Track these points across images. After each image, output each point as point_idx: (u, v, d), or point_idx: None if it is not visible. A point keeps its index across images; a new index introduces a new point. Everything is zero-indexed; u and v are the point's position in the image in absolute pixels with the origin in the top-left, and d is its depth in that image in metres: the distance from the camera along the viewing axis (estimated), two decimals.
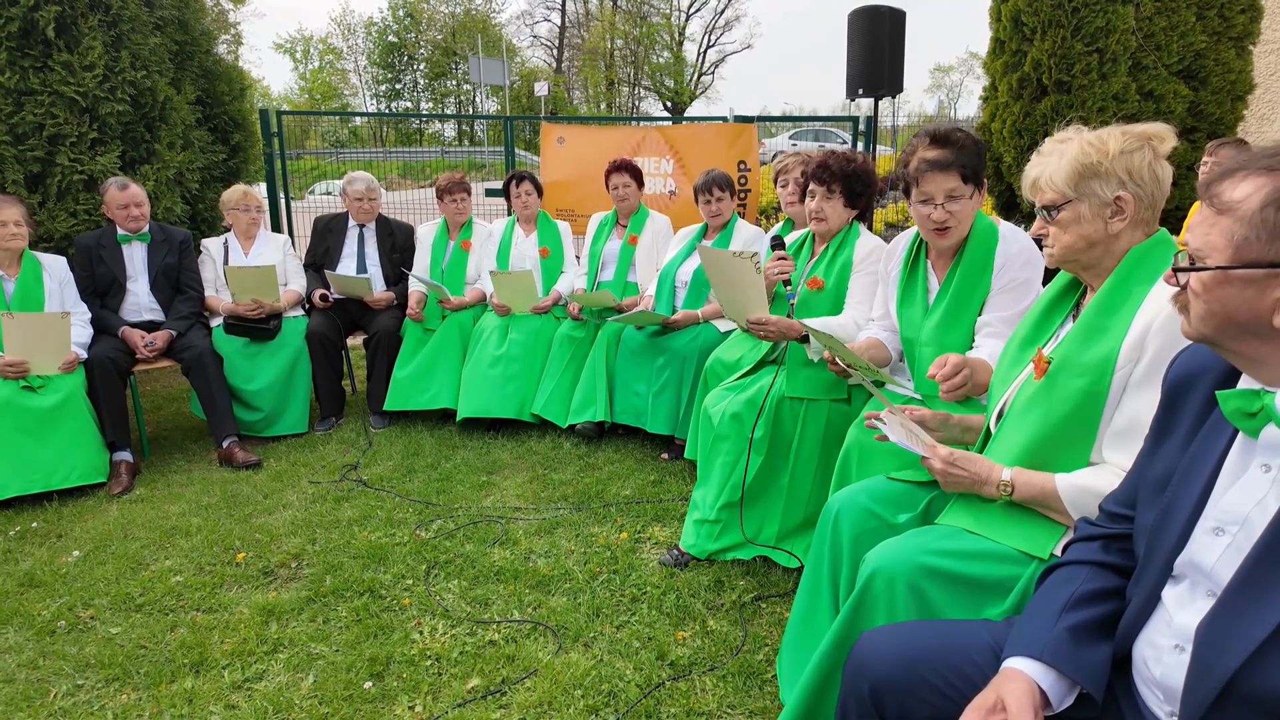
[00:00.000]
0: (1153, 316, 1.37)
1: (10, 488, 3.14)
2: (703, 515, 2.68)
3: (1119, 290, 1.44)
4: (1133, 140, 1.43)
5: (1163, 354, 1.33)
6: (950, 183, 2.04)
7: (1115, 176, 1.42)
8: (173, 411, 4.49)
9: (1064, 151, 1.47)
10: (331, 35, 40.53)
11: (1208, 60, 5.10)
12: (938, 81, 43.15)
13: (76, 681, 2.12)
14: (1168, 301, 1.33)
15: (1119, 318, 1.42)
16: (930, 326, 2.15)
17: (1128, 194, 1.42)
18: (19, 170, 3.94)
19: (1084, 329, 1.46)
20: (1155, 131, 1.44)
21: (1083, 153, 1.44)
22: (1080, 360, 1.44)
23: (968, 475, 1.53)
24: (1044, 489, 1.45)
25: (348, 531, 2.95)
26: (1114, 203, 1.43)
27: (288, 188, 5.79)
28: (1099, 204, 1.44)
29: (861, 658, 1.30)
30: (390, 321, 4.23)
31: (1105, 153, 1.42)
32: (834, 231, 2.76)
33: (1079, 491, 1.41)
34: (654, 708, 1.97)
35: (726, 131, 5.34)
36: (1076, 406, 1.43)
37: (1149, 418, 1.26)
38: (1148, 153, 1.42)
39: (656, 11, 39.52)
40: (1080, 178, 1.44)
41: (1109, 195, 1.43)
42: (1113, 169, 1.42)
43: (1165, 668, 1.03)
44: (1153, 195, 1.43)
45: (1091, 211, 1.44)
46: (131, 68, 4.21)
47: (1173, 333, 1.33)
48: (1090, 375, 1.41)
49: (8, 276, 3.42)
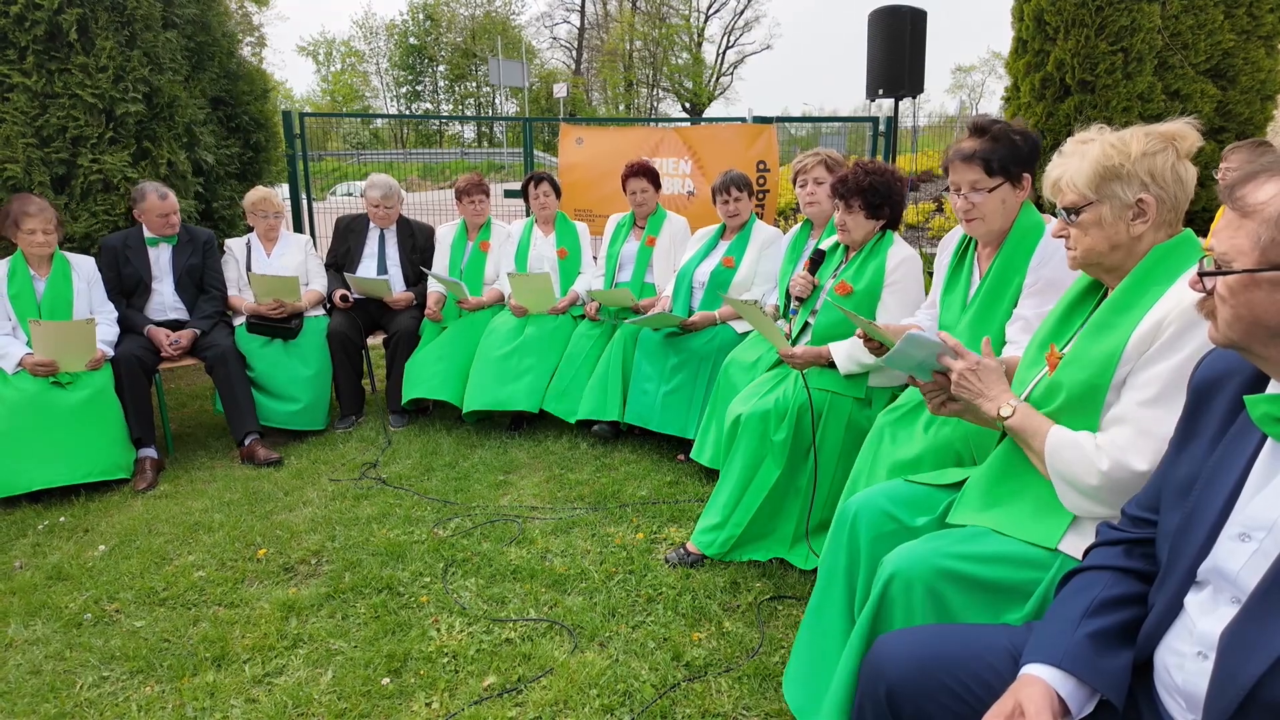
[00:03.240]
0: (1168, 310, 1.34)
1: (38, 481, 3.20)
2: (716, 519, 2.69)
3: (1136, 289, 1.42)
4: (1156, 141, 1.40)
5: (1175, 338, 1.31)
6: (972, 174, 2.03)
7: (1138, 179, 1.40)
8: (196, 409, 4.55)
9: (1085, 153, 1.45)
10: (353, 38, 41.00)
11: (1236, 59, 5.03)
12: (959, 82, 42.77)
13: (102, 673, 2.16)
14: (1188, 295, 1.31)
15: (1130, 315, 1.40)
16: (967, 320, 2.13)
17: (1150, 196, 1.40)
18: (45, 172, 4.02)
19: (1095, 325, 1.45)
20: (1178, 131, 1.41)
21: (1105, 154, 1.41)
22: (1087, 354, 1.43)
23: (977, 388, 1.53)
24: (1037, 429, 1.45)
25: (367, 529, 2.98)
26: (1136, 205, 1.41)
27: (309, 189, 5.86)
28: (1121, 206, 1.42)
29: (879, 661, 1.29)
30: (410, 322, 4.26)
31: (1127, 155, 1.40)
32: (861, 242, 2.75)
33: (1063, 447, 1.40)
34: (669, 708, 1.97)
35: (745, 132, 5.33)
36: (1077, 397, 1.43)
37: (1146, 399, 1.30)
38: (1171, 154, 1.40)
39: (676, 13, 39.53)
40: (1102, 180, 1.42)
41: (1131, 198, 1.41)
42: (1135, 171, 1.40)
43: (1187, 675, 1.02)
44: (1176, 197, 1.41)
45: (1113, 214, 1.42)
46: (143, 66, 4.23)
47: (1191, 317, 1.30)
48: (1093, 368, 1.41)
49: (39, 276, 3.49)
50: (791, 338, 2.84)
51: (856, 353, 2.61)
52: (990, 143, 2.01)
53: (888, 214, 2.71)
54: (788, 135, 13.79)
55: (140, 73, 4.21)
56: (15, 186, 3.90)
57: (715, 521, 2.69)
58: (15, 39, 3.89)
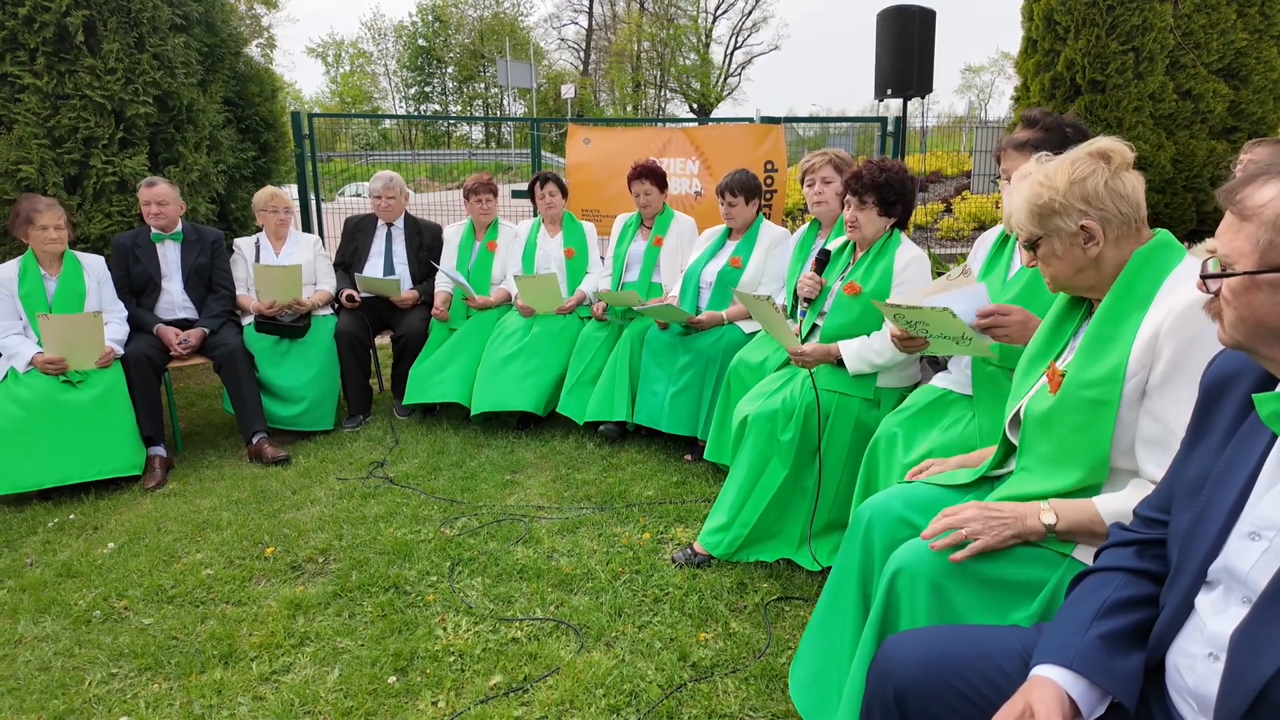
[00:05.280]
0: (1161, 319, 1.34)
1: (48, 478, 3.22)
2: (723, 520, 2.68)
3: (1124, 298, 1.42)
4: (1082, 167, 1.41)
5: (1180, 355, 1.31)
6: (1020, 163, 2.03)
7: (1073, 208, 1.41)
8: (205, 408, 4.58)
9: (1020, 190, 1.47)
10: (362, 39, 41.21)
11: (1249, 58, 4.99)
12: (968, 82, 42.67)
13: (110, 670, 2.17)
14: (1178, 301, 1.32)
15: (1126, 326, 1.40)
16: (1007, 298, 2.08)
17: (1091, 221, 1.41)
18: (58, 173, 4.05)
19: (1092, 339, 1.44)
20: (1106, 148, 1.42)
21: (1034, 194, 1.44)
22: (1090, 371, 1.42)
23: (1002, 519, 1.45)
24: (1090, 518, 1.40)
25: (374, 528, 2.99)
26: (1081, 231, 1.42)
27: (318, 189, 5.88)
28: (1067, 235, 1.43)
29: (887, 661, 1.28)
30: (418, 323, 4.28)
31: (1056, 189, 1.42)
32: (871, 240, 2.74)
33: (1122, 516, 1.36)
34: (675, 709, 1.97)
35: (753, 132, 5.32)
36: (1088, 418, 1.41)
37: (1179, 421, 1.24)
38: (1101, 174, 1.41)
39: (683, 14, 39.54)
40: (1040, 217, 1.44)
41: (1073, 226, 1.42)
42: (1068, 203, 1.41)
43: (1199, 676, 1.01)
44: (1121, 212, 1.41)
45: (1063, 245, 1.44)
46: (152, 69, 4.26)
47: (1187, 331, 1.30)
48: (1100, 386, 1.39)
49: (49, 276, 3.52)
50: (801, 338, 2.83)
51: (866, 352, 2.60)
52: (1042, 133, 2.09)
53: (899, 212, 2.70)
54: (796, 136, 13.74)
55: (151, 75, 4.23)
56: (29, 186, 3.94)
57: (722, 522, 2.68)
58: (25, 41, 3.92)
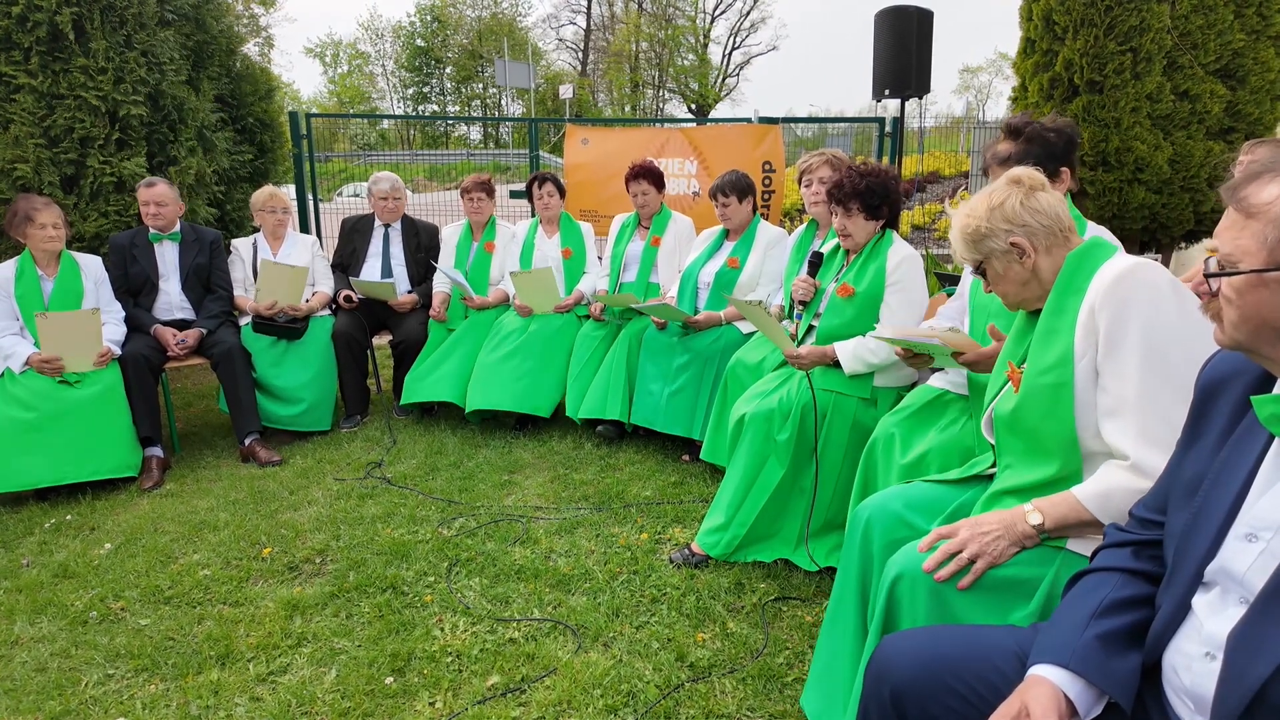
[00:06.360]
0: (1093, 297, 1.45)
1: (45, 478, 3.22)
2: (721, 520, 2.68)
3: (1064, 293, 1.53)
4: (999, 194, 1.58)
5: (1114, 324, 1.42)
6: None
7: (999, 229, 1.56)
8: (202, 409, 4.57)
9: (954, 226, 1.63)
10: (360, 40, 41.13)
11: (1246, 59, 4.98)
12: (966, 82, 42.71)
13: (107, 671, 2.16)
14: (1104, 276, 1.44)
15: (1066, 317, 1.51)
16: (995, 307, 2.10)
17: (1018, 237, 1.55)
18: (54, 172, 4.04)
19: (1041, 335, 1.56)
20: (1018, 175, 1.59)
21: (964, 225, 1.60)
22: (1044, 362, 1.52)
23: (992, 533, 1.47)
24: (1072, 508, 1.44)
25: (371, 528, 2.98)
26: (1012, 248, 1.56)
27: (316, 189, 5.87)
28: (1002, 254, 1.58)
29: (883, 661, 1.28)
30: (417, 327, 4.28)
31: (980, 216, 1.58)
32: (863, 244, 2.75)
33: (1100, 498, 1.40)
34: (673, 709, 1.97)
35: (751, 132, 5.32)
36: (1050, 402, 1.50)
37: (1132, 388, 1.35)
38: (1016, 195, 1.56)
39: (682, 14, 39.54)
40: (974, 244, 1.60)
41: (1004, 245, 1.56)
42: (993, 226, 1.56)
43: (1195, 676, 1.01)
44: (1042, 225, 1.55)
45: (1002, 264, 1.59)
46: (140, 66, 4.23)
47: (1116, 299, 1.41)
48: (1054, 370, 1.50)
49: (47, 276, 3.51)
50: (797, 340, 2.84)
51: (861, 352, 2.60)
52: (1025, 144, 2.09)
53: (886, 213, 2.71)
54: (794, 136, 13.75)
55: (139, 73, 4.21)
56: (25, 186, 3.92)
57: (720, 522, 2.68)
58: (19, 40, 3.91)
